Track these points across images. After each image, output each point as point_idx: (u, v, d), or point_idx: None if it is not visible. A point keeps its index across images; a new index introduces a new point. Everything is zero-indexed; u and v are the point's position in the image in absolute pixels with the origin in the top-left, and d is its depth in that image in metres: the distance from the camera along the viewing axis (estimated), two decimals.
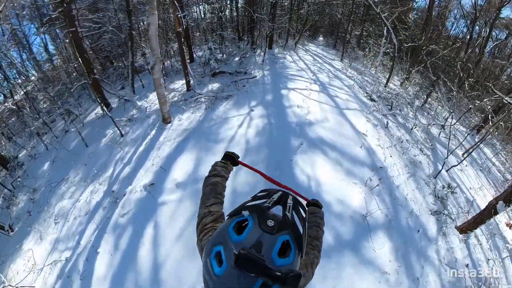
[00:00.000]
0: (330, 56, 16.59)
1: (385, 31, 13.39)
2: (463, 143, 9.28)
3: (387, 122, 7.56)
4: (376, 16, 19.36)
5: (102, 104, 9.56)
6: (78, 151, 7.51)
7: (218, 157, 5.13)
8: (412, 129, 8.27)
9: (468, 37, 18.90)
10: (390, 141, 6.94)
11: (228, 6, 14.69)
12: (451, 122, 7.93)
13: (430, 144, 8.10)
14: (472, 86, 13.00)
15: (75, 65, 10.66)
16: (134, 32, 13.91)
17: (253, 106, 7.40)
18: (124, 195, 5.30)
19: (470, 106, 9.92)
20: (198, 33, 15.83)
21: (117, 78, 13.39)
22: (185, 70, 8.30)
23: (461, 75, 11.28)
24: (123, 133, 7.52)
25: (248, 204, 0.80)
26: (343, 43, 16.00)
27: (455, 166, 7.07)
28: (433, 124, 9.56)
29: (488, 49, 17.63)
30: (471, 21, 17.47)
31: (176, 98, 8.63)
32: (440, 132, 9.18)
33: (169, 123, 7.41)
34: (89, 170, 6.40)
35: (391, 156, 6.39)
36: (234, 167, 1.38)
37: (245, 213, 0.74)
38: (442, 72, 12.39)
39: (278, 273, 0.56)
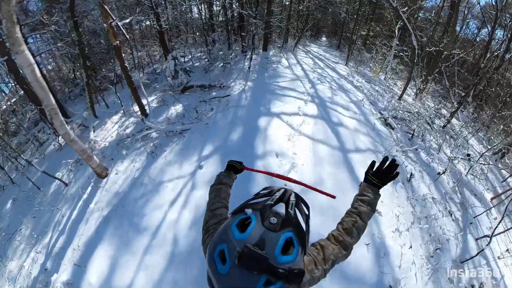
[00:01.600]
0: (334, 59, 13.14)
1: (396, 31, 9.97)
2: (487, 172, 6.30)
3: (411, 173, 4.46)
4: (384, 15, 15.74)
5: (57, 137, 6.96)
6: (32, 193, 5.79)
7: (136, 260, 3.56)
8: (439, 174, 5.19)
9: (478, 39, 15.26)
10: (412, 211, 4.04)
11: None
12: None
13: (459, 196, 5.07)
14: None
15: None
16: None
17: (204, 157, 4.41)
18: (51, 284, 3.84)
19: None
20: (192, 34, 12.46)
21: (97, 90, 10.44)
22: (135, 94, 5.29)
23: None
24: (67, 182, 5.47)
25: (251, 202, 0.70)
26: (349, 45, 12.44)
27: (486, 237, 4.32)
28: (460, 158, 6.46)
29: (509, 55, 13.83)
30: (483, 22, 13.64)
31: (127, 130, 5.70)
32: (468, 169, 5.99)
33: (106, 176, 4.93)
34: (36, 225, 4.96)
35: (410, 247, 3.59)
36: (239, 174, 1.26)
37: (248, 211, 0.64)
38: (471, 84, 8.98)
39: (281, 270, 0.51)
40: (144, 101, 5.64)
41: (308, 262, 0.82)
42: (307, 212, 0.75)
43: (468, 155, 7.11)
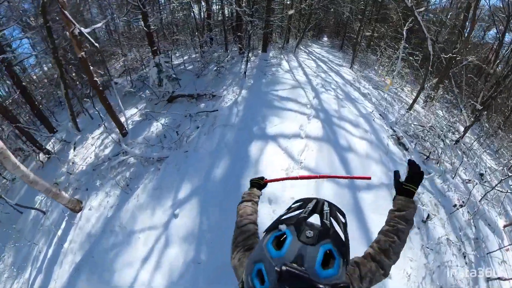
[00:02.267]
0: (337, 61, 12.07)
1: (404, 33, 8.94)
2: (503, 198, 5.38)
3: (428, 215, 3.64)
4: (389, 16, 14.54)
5: (38, 154, 6.12)
6: (13, 217, 5.17)
7: None
8: (455, 207, 4.40)
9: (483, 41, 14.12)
10: (425, 263, 3.28)
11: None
12: None
13: (474, 230, 4.31)
14: None
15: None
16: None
17: (180, 202, 3.50)
18: None
19: None
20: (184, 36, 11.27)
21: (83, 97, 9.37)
22: (110, 111, 4.38)
23: None
24: (44, 210, 4.82)
25: (284, 217, 0.64)
26: (353, 47, 11.36)
27: (499, 279, 3.67)
28: (476, 183, 5.60)
29: None
30: (489, 25, 12.51)
31: (106, 151, 4.82)
32: (483, 195, 5.09)
33: (80, 210, 4.25)
34: (17, 254, 4.44)
35: None
36: (263, 190, 1.23)
37: (282, 227, 0.58)
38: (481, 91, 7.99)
39: (324, 286, 0.46)
40: (123, 118, 4.72)
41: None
42: (343, 220, 0.67)
43: (481, 174, 6.29)
